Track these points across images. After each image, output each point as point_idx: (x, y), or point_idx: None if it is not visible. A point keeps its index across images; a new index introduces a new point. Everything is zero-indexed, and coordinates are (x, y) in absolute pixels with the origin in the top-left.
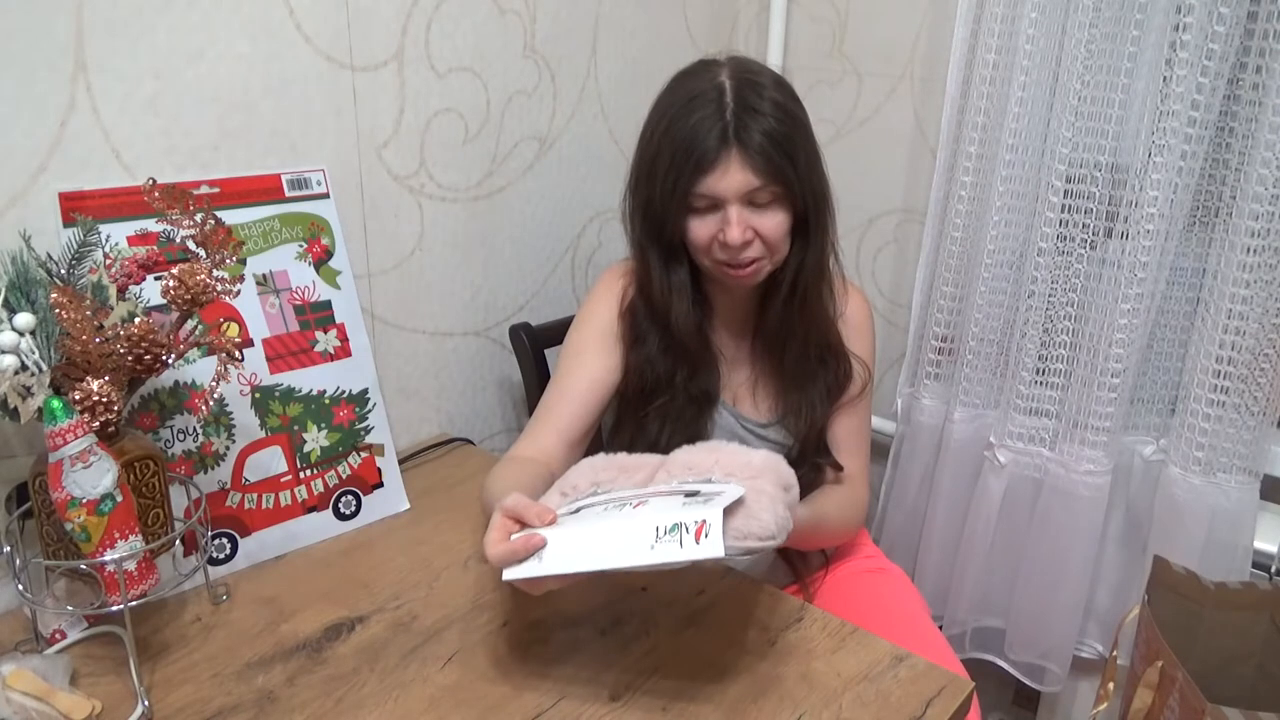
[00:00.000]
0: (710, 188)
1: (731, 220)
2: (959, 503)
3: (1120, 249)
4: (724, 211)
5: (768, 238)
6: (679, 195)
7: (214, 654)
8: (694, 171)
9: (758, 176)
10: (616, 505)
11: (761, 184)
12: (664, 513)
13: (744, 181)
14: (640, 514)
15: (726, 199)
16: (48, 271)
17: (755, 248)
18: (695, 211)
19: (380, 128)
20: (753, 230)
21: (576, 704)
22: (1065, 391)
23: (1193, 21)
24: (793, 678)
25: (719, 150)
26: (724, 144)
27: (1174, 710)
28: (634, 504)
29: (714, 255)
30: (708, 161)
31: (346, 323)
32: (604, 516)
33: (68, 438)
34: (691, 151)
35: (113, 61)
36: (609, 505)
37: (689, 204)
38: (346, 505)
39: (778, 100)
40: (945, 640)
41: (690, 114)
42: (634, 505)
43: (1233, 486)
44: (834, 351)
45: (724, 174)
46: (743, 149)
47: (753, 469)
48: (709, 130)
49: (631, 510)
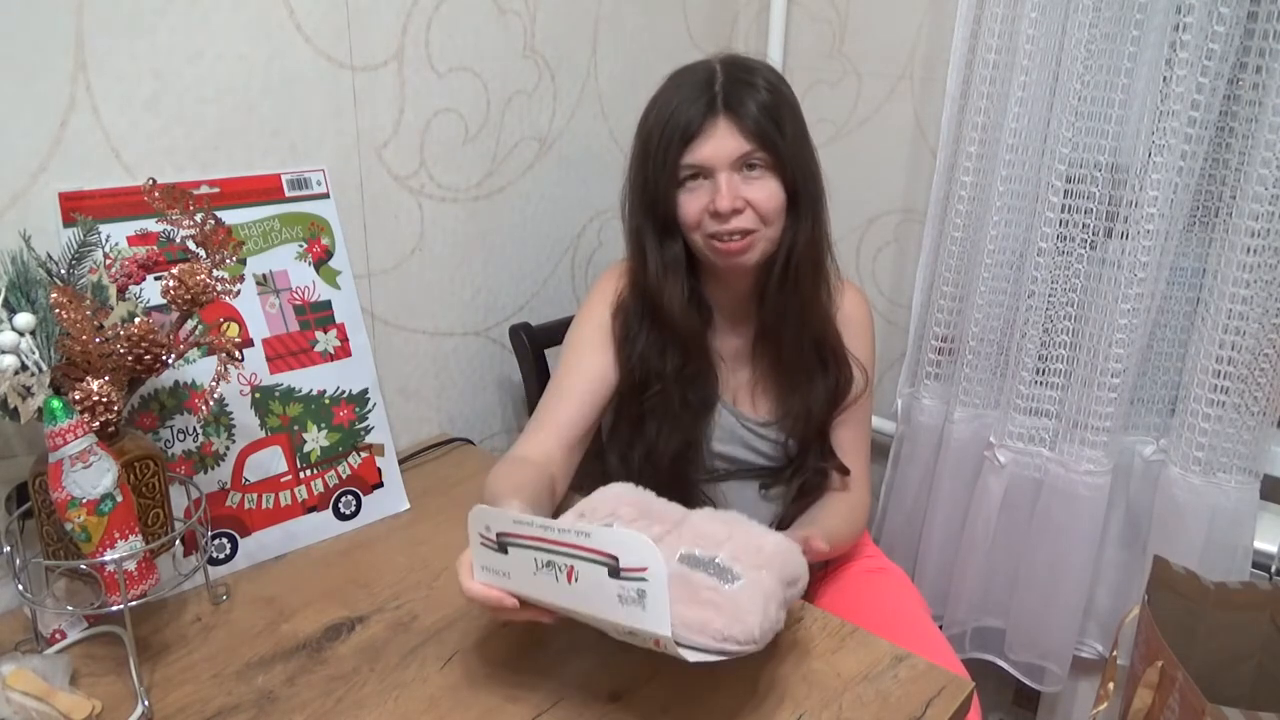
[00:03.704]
0: (699, 156)
1: (721, 186)
2: (959, 503)
3: (1120, 249)
4: (714, 180)
5: (760, 207)
6: (669, 168)
7: (214, 654)
8: (682, 142)
9: (747, 141)
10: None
11: (751, 149)
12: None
13: (734, 146)
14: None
15: (715, 166)
16: (48, 271)
17: (747, 218)
18: (685, 184)
19: (380, 128)
20: (744, 200)
21: (576, 704)
22: (1065, 391)
23: (1193, 21)
24: (793, 678)
25: (705, 117)
26: (711, 112)
27: (1174, 710)
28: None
29: (705, 230)
30: (694, 129)
31: (346, 323)
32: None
33: (68, 438)
34: (680, 122)
35: (113, 61)
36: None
37: (678, 176)
38: (346, 505)
39: (767, 79)
40: (945, 640)
41: (679, 92)
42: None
43: (1233, 486)
44: (834, 355)
45: (710, 139)
46: (730, 115)
47: (762, 556)
48: (696, 102)
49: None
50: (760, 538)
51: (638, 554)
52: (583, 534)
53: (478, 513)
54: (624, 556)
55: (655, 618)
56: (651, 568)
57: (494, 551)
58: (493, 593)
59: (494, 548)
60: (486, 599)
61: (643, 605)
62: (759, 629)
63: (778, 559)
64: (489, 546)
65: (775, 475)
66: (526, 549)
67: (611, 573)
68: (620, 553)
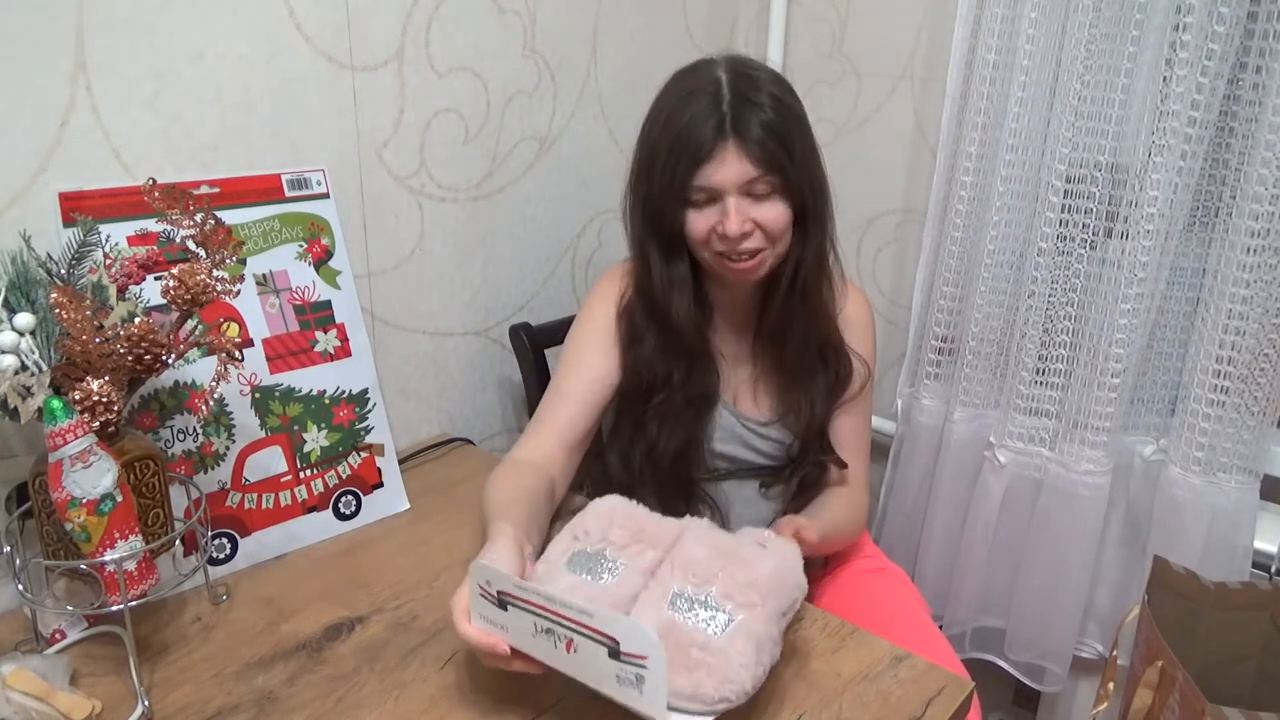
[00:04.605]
0: (708, 179)
1: (730, 211)
2: (959, 503)
3: (1120, 249)
4: (722, 203)
5: (768, 228)
6: (677, 188)
7: (214, 654)
8: (691, 163)
9: (755, 166)
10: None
11: (759, 174)
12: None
13: (741, 172)
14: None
15: (724, 190)
16: (48, 271)
17: (755, 239)
18: (694, 204)
19: (380, 128)
20: (752, 222)
21: (576, 704)
22: (1065, 391)
23: (1193, 21)
24: (793, 678)
25: (715, 141)
26: (720, 135)
27: (1174, 710)
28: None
29: (713, 248)
30: (704, 153)
31: (346, 323)
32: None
33: (68, 438)
34: (689, 144)
35: (113, 61)
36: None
37: (687, 197)
38: (346, 505)
39: (774, 93)
40: (945, 640)
41: (687, 107)
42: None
43: (1233, 486)
44: (834, 349)
45: (721, 165)
46: (739, 140)
47: (756, 591)
48: (705, 122)
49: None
50: (754, 569)
51: (639, 643)
52: (585, 614)
53: (479, 568)
54: (625, 643)
55: (652, 703)
56: (652, 656)
57: (493, 606)
58: (487, 639)
59: (494, 602)
60: (479, 644)
61: (640, 690)
62: (751, 682)
63: (772, 593)
64: (489, 600)
65: (775, 474)
66: (527, 612)
67: (611, 654)
68: (622, 639)
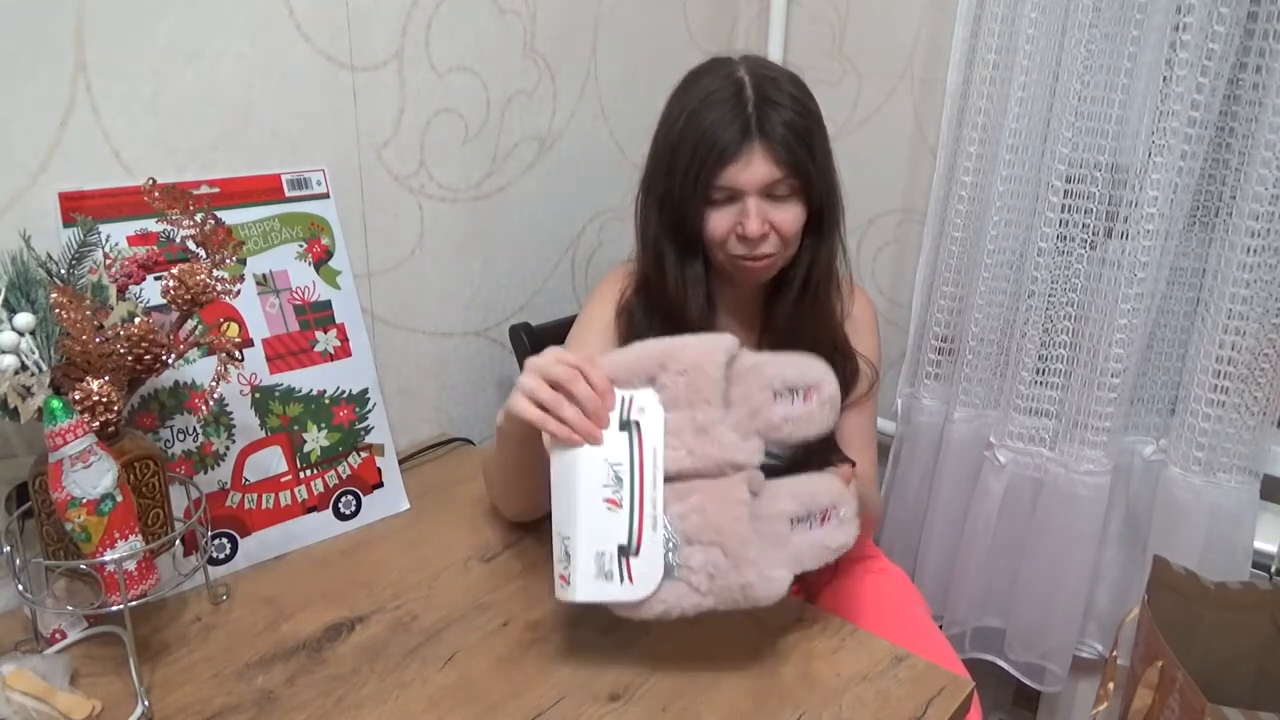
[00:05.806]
0: (732, 179)
1: (750, 212)
2: (959, 503)
3: (1120, 249)
4: (742, 203)
5: (783, 231)
6: (700, 187)
7: (214, 654)
8: (716, 163)
9: (779, 168)
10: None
11: (782, 176)
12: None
13: (766, 173)
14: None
15: (747, 190)
16: (48, 271)
17: (771, 241)
18: (714, 203)
19: (380, 128)
20: (769, 224)
21: (576, 704)
22: (1065, 391)
23: (1193, 21)
24: (793, 678)
25: (742, 142)
26: (746, 136)
27: (1174, 710)
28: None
29: (729, 249)
30: (730, 153)
31: (346, 323)
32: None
33: (68, 438)
34: (714, 143)
35: (113, 61)
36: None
37: (709, 195)
38: (346, 505)
39: (795, 95)
40: (945, 640)
41: (711, 107)
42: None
43: (1233, 486)
44: (842, 352)
45: (746, 165)
46: (765, 141)
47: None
48: (732, 122)
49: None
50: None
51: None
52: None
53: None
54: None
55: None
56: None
57: (616, 412)
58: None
59: (622, 412)
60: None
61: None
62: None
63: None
64: (624, 404)
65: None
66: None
67: (621, 552)
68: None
